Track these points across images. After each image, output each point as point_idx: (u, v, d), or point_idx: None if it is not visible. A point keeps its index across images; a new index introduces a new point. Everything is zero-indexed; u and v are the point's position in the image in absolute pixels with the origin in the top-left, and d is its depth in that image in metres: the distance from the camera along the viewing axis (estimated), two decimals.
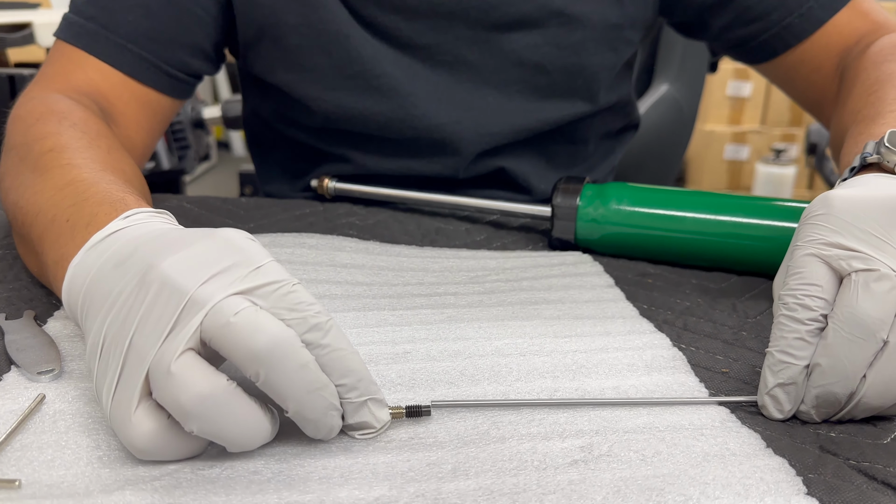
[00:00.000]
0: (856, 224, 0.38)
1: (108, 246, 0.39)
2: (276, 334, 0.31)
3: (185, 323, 0.32)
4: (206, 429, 0.32)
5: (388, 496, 0.32)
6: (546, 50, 0.71)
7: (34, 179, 0.49)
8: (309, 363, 0.32)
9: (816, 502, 0.32)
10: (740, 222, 0.58)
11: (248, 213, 0.70)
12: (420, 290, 0.54)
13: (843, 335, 0.37)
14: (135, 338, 0.32)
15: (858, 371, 0.37)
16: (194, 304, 0.32)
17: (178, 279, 0.33)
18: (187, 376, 0.31)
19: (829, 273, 0.38)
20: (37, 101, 0.59)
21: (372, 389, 0.35)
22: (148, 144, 0.69)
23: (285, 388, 0.32)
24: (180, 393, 0.31)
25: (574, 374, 0.42)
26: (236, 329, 0.31)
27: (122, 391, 0.32)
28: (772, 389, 0.39)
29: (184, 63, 0.68)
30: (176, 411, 0.31)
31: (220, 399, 0.32)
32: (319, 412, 0.33)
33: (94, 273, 0.38)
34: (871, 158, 0.45)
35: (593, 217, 0.62)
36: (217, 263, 0.33)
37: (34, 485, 0.31)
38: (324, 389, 0.33)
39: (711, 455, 0.35)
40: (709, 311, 0.53)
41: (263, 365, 0.31)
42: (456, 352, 0.44)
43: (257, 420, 0.33)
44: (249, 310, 0.32)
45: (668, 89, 1.18)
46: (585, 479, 0.33)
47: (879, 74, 0.58)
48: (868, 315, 0.36)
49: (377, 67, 0.69)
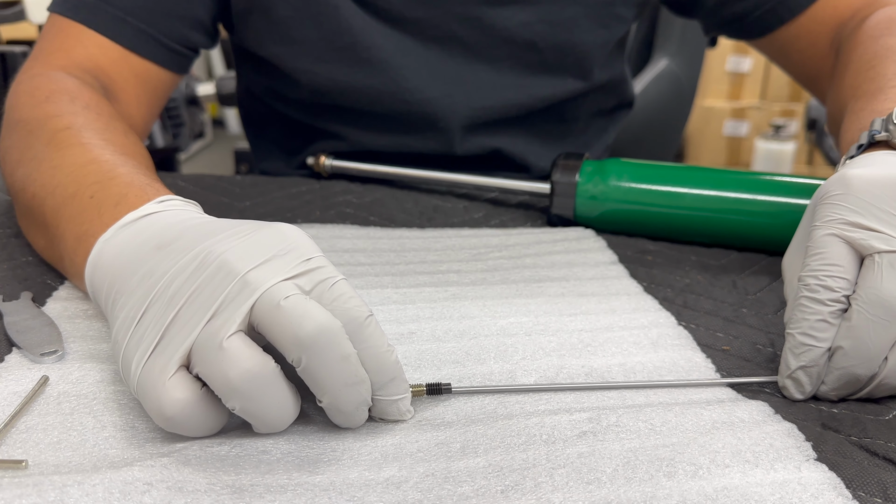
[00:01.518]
0: (875, 203, 0.38)
1: (144, 227, 0.39)
2: (322, 322, 0.32)
3: (238, 303, 0.32)
4: (248, 407, 0.32)
5: (398, 476, 0.32)
6: (538, 27, 0.70)
7: (50, 154, 0.48)
8: (351, 356, 0.32)
9: (825, 468, 0.32)
10: (740, 198, 0.58)
11: (244, 191, 0.69)
12: (423, 268, 0.54)
13: (867, 316, 0.37)
14: (181, 311, 0.33)
15: (882, 352, 0.37)
16: (246, 286, 0.32)
17: (235, 262, 0.33)
18: (240, 352, 0.31)
19: (850, 253, 0.38)
20: (42, 77, 0.59)
21: (404, 388, 0.35)
22: (147, 121, 0.69)
23: (325, 378, 0.32)
24: (230, 368, 0.31)
25: (580, 352, 0.42)
26: (285, 313, 0.32)
27: (158, 358, 0.32)
28: (794, 372, 0.39)
29: (183, 36, 0.67)
30: (222, 386, 0.32)
31: (267, 379, 0.32)
32: (353, 405, 0.33)
33: (129, 252, 0.38)
34: (881, 136, 0.44)
35: (592, 194, 0.62)
36: (270, 251, 0.34)
37: (40, 465, 0.31)
38: (361, 384, 0.33)
39: (720, 423, 0.35)
40: (709, 288, 0.53)
41: (307, 351, 0.31)
42: (461, 331, 0.44)
43: (293, 404, 0.33)
44: (299, 296, 0.32)
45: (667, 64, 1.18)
46: (595, 451, 0.33)
47: (877, 49, 0.58)
48: (893, 296, 0.36)
49: (367, 39, 0.69)
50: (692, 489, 0.31)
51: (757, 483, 0.31)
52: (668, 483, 0.31)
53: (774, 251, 0.59)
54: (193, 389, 0.32)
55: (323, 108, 0.75)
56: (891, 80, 0.52)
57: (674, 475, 0.32)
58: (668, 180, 0.60)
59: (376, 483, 0.31)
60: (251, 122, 0.86)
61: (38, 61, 0.62)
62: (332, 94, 0.72)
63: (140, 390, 0.33)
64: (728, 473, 0.32)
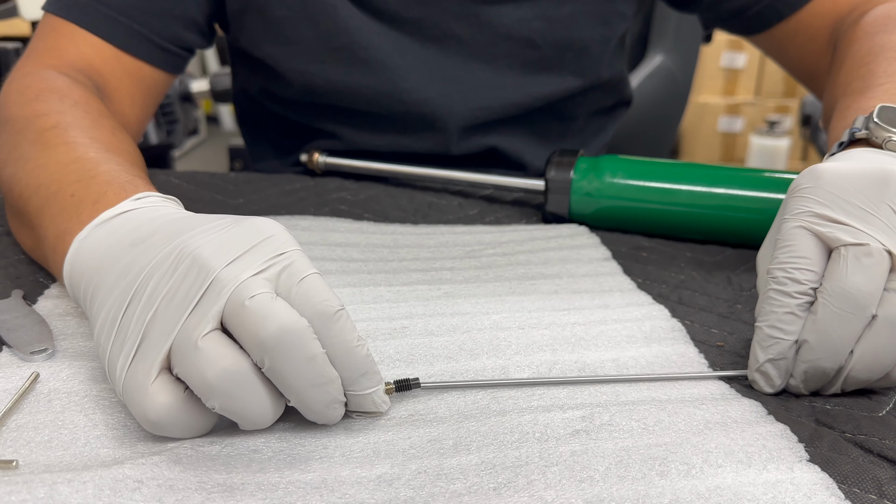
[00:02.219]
0: (844, 197, 0.38)
1: (120, 224, 0.39)
2: (285, 324, 0.31)
3: (210, 301, 0.32)
4: (228, 405, 0.32)
5: (390, 474, 0.31)
6: (535, 24, 0.70)
7: (36, 153, 0.48)
8: (317, 356, 0.32)
9: (817, 469, 0.32)
10: (735, 195, 0.58)
11: (238, 188, 0.69)
12: (416, 265, 0.53)
13: (832, 310, 0.37)
14: (158, 311, 0.32)
15: (847, 346, 0.37)
16: (218, 284, 0.32)
17: (209, 258, 0.33)
18: (214, 351, 0.31)
19: (817, 246, 0.38)
20: (33, 76, 0.58)
21: (376, 381, 0.35)
22: (141, 121, 0.69)
23: (290, 379, 0.32)
24: (207, 368, 0.31)
25: (573, 346, 0.42)
26: (249, 313, 0.31)
27: (140, 362, 0.32)
28: (762, 365, 0.39)
29: (176, 35, 0.67)
30: (200, 386, 0.31)
31: (244, 376, 0.32)
32: (322, 405, 0.33)
33: (105, 250, 0.37)
34: (860, 134, 0.45)
35: (587, 191, 0.62)
36: (245, 246, 0.34)
37: (31, 464, 0.31)
38: (329, 384, 0.33)
39: (713, 423, 0.35)
40: (703, 284, 0.53)
41: (269, 353, 0.31)
42: (454, 326, 0.44)
43: (273, 401, 0.33)
44: (264, 296, 0.32)
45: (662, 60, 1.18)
46: (588, 449, 0.33)
47: (872, 46, 0.58)
48: (857, 289, 0.36)
49: (364, 39, 0.69)
50: (685, 488, 0.31)
51: (749, 483, 0.31)
52: (660, 482, 0.31)
53: None
54: (177, 392, 0.32)
55: (319, 109, 0.74)
56: (879, 78, 0.52)
57: (666, 474, 0.32)
58: (662, 177, 0.60)
59: (368, 480, 0.31)
60: (247, 123, 0.86)
61: (31, 60, 0.62)
62: (329, 94, 0.71)
63: (125, 396, 0.33)
64: (721, 473, 0.32)
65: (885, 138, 0.43)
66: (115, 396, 0.36)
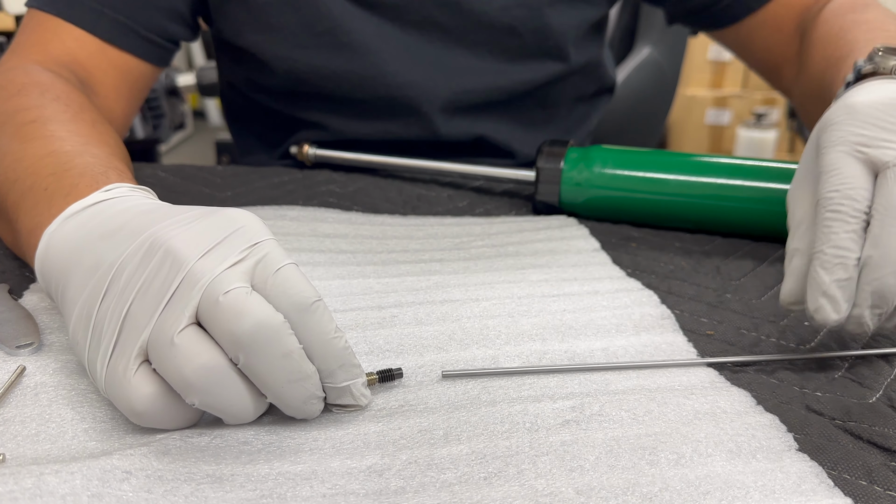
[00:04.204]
0: (880, 124, 0.38)
1: (90, 217, 0.38)
2: (260, 320, 0.31)
3: (185, 296, 0.31)
4: (208, 401, 0.31)
5: (380, 464, 0.31)
6: (515, 11, 0.71)
7: (14, 147, 0.48)
8: (293, 352, 0.32)
9: (807, 458, 0.33)
10: (723, 184, 0.58)
11: (226, 181, 0.69)
12: (405, 257, 0.53)
13: (888, 222, 0.36)
14: (133, 307, 0.32)
15: None
16: (192, 277, 0.31)
17: (183, 251, 0.32)
18: (191, 348, 0.31)
19: (864, 169, 0.38)
20: (16, 70, 0.58)
21: (355, 373, 0.34)
22: (128, 114, 0.68)
23: (265, 375, 0.32)
24: (184, 364, 0.30)
25: (563, 335, 0.42)
26: (222, 309, 0.31)
27: (119, 357, 0.32)
28: (829, 287, 0.38)
29: (161, 27, 0.67)
30: (178, 383, 0.31)
31: (222, 372, 0.31)
32: (299, 401, 0.33)
33: (74, 243, 0.37)
34: (867, 68, 0.45)
35: (577, 181, 0.62)
36: (217, 237, 0.33)
37: (19, 458, 0.31)
38: (306, 380, 0.32)
39: (702, 413, 0.35)
40: (692, 273, 0.53)
41: (244, 349, 0.31)
42: (443, 315, 0.44)
43: (255, 395, 0.33)
44: (239, 291, 0.31)
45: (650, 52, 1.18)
46: (578, 439, 0.33)
47: (843, 23, 0.59)
48: None
49: (346, 24, 0.69)
50: (675, 477, 0.31)
51: (739, 471, 0.31)
52: (650, 471, 0.31)
53: (758, 237, 0.59)
54: (160, 382, 0.32)
55: (304, 97, 0.74)
56: (861, 44, 0.53)
57: (656, 463, 0.32)
58: (652, 166, 0.60)
59: (358, 471, 0.31)
60: (234, 117, 0.85)
61: (15, 55, 0.62)
62: (312, 80, 0.71)
63: (109, 391, 0.32)
64: (710, 462, 0.32)
65: (893, 66, 0.43)
66: None
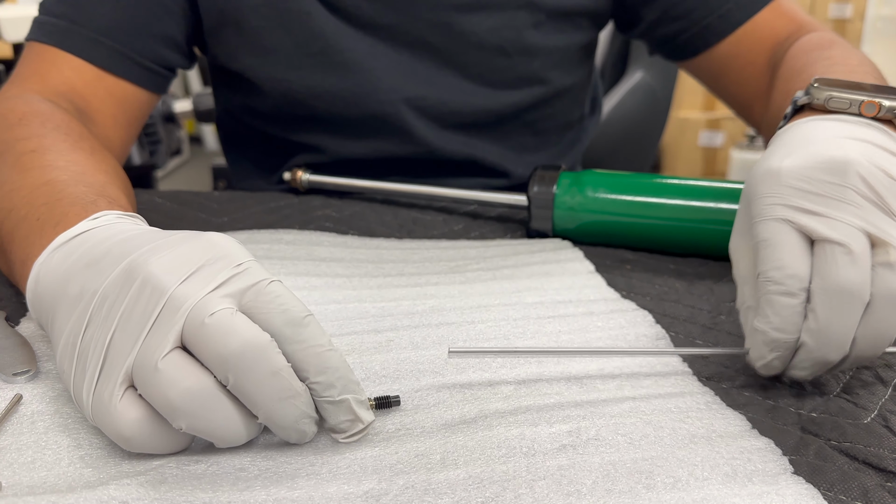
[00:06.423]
0: (809, 189, 0.38)
1: (76, 246, 0.38)
2: (247, 339, 0.31)
3: (167, 321, 0.31)
4: (195, 425, 0.31)
5: (377, 489, 0.31)
6: (505, 33, 0.72)
7: (12, 177, 0.48)
8: (281, 370, 0.32)
9: (802, 481, 0.33)
10: (716, 208, 0.59)
11: (222, 207, 0.69)
12: (401, 280, 0.53)
13: (831, 305, 0.37)
14: (116, 335, 0.32)
15: (849, 335, 0.37)
16: (174, 302, 0.31)
17: (161, 277, 0.32)
18: (175, 372, 0.31)
19: (801, 240, 0.38)
20: (17, 100, 0.59)
21: (352, 387, 0.34)
22: (125, 142, 0.69)
23: (255, 395, 0.31)
24: (169, 389, 0.30)
25: (558, 358, 0.42)
26: (209, 331, 0.31)
27: (104, 384, 0.32)
28: (770, 361, 0.39)
29: (157, 54, 0.67)
30: (164, 408, 0.31)
31: (209, 395, 0.31)
32: (290, 420, 0.33)
33: (62, 273, 0.37)
34: (802, 100, 0.45)
35: (570, 205, 0.62)
36: (198, 262, 0.33)
37: (15, 487, 0.31)
38: (296, 398, 0.32)
39: (698, 437, 0.35)
40: (686, 295, 0.53)
41: (232, 370, 0.31)
42: (440, 338, 0.44)
43: (246, 416, 0.32)
44: (224, 312, 0.31)
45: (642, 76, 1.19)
46: (574, 463, 0.33)
47: (808, 59, 0.60)
48: (850, 282, 0.36)
49: (339, 43, 0.70)
50: (671, 500, 0.31)
51: (735, 494, 0.31)
52: (647, 494, 0.31)
53: None
54: (146, 406, 0.32)
55: (298, 120, 0.75)
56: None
57: (653, 487, 0.32)
58: (644, 191, 0.61)
59: (356, 496, 0.31)
60: (230, 144, 0.86)
61: (15, 85, 0.63)
62: (307, 101, 0.72)
63: (96, 419, 0.32)
64: (706, 486, 0.32)
65: (826, 97, 0.44)
66: None
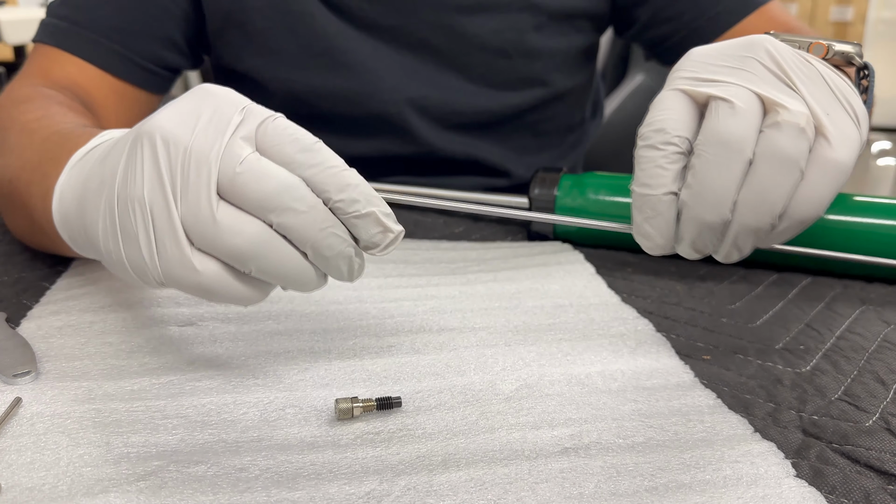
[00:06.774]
0: (712, 63, 0.38)
1: (90, 158, 0.39)
2: (282, 179, 0.32)
3: (202, 174, 0.32)
4: (264, 266, 0.33)
5: (379, 490, 0.31)
6: (507, 35, 0.72)
7: (22, 140, 0.50)
8: (317, 204, 0.33)
9: (804, 484, 0.33)
10: None
11: None
12: (401, 282, 0.53)
13: (708, 158, 0.36)
14: (152, 196, 0.32)
15: (728, 194, 0.36)
16: (199, 154, 0.32)
17: (173, 130, 0.33)
18: (233, 221, 0.32)
19: (688, 104, 0.38)
20: (23, 88, 0.61)
21: (375, 201, 0.35)
22: None
23: (299, 229, 0.33)
24: (234, 237, 0.32)
25: (560, 361, 0.42)
26: (244, 179, 0.32)
27: (164, 242, 0.32)
28: (640, 226, 0.38)
29: (156, 55, 0.68)
30: (231, 255, 0.32)
31: (269, 235, 0.33)
32: (336, 249, 0.34)
33: (81, 179, 0.38)
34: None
35: (571, 207, 0.62)
36: (202, 112, 0.33)
37: (14, 488, 0.31)
38: (335, 227, 0.34)
39: (700, 440, 0.35)
40: (687, 298, 0.53)
41: (274, 210, 0.32)
42: (441, 343, 0.44)
43: (303, 258, 0.34)
44: (252, 157, 0.33)
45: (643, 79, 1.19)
46: (577, 466, 0.33)
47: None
48: (731, 133, 0.36)
49: (343, 44, 0.70)
50: (675, 503, 0.31)
51: (738, 498, 0.31)
52: (650, 498, 0.31)
53: (751, 261, 0.60)
54: (212, 257, 0.33)
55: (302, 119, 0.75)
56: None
57: (655, 490, 0.32)
58: None
59: (357, 497, 0.31)
60: None
61: (19, 81, 0.64)
62: (311, 100, 0.73)
63: (169, 277, 0.33)
64: (709, 489, 0.32)
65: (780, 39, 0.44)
66: (98, 416, 0.36)
